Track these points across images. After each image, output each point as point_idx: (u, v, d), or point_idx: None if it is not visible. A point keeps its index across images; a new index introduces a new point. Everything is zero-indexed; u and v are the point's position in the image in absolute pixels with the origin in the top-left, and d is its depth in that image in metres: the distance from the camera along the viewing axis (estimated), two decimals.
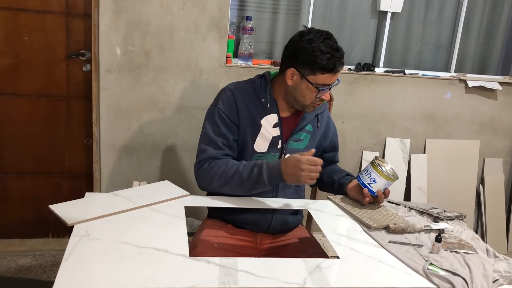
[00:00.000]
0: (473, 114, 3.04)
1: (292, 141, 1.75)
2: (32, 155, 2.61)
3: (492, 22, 3.13)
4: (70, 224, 1.33)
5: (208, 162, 1.67)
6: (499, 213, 3.18)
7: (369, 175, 1.65)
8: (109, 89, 2.45)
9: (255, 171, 1.60)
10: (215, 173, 1.64)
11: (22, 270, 2.48)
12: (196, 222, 2.65)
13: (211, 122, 1.71)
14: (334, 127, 1.92)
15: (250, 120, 1.70)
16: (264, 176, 1.58)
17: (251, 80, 1.76)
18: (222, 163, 1.65)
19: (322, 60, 1.58)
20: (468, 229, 1.61)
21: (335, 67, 1.60)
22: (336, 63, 1.59)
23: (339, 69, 1.62)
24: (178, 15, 2.44)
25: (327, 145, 1.89)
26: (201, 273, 1.16)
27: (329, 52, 1.58)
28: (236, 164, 1.64)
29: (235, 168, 1.62)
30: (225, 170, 1.63)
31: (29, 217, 2.71)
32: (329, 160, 1.94)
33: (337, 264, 1.29)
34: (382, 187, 1.64)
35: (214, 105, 1.73)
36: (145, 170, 2.62)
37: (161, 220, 1.43)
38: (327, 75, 1.61)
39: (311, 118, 1.78)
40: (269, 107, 1.71)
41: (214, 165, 1.65)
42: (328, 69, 1.60)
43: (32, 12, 2.40)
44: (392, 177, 1.63)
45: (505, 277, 1.29)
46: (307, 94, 1.65)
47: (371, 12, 2.95)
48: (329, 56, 1.58)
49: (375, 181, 1.64)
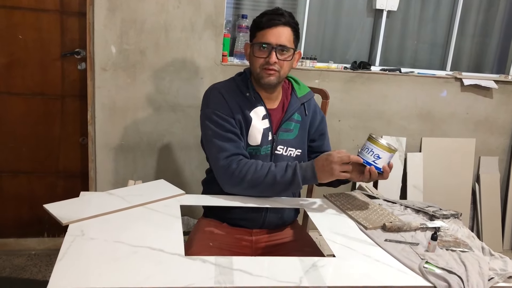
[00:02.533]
0: (468, 112, 3.05)
1: (282, 132, 1.75)
2: (27, 154, 2.60)
3: (487, 21, 3.14)
4: (65, 223, 1.32)
5: (237, 162, 1.61)
6: (495, 211, 3.19)
7: (372, 152, 1.57)
8: (104, 88, 2.44)
9: (289, 171, 1.59)
10: (246, 172, 1.60)
11: (17, 269, 2.47)
12: (192, 221, 2.65)
13: (212, 123, 1.67)
14: (321, 114, 1.90)
15: (241, 113, 1.70)
16: (299, 175, 1.58)
17: (232, 78, 1.78)
18: (252, 163, 1.62)
19: (256, 20, 1.68)
20: (464, 227, 1.61)
21: (267, 21, 1.63)
22: (269, 18, 1.63)
23: (274, 23, 1.63)
24: (174, 13, 2.43)
25: (314, 132, 1.86)
26: (196, 272, 1.16)
27: (266, 12, 1.67)
28: (267, 165, 1.62)
29: (267, 168, 1.61)
30: (256, 170, 1.60)
31: (24, 216, 2.69)
32: (318, 151, 1.86)
33: (333, 262, 1.29)
34: (387, 162, 1.58)
35: (206, 108, 1.70)
36: (141, 169, 2.62)
37: (157, 219, 1.43)
38: (261, 32, 1.64)
39: (297, 106, 1.78)
40: (255, 100, 1.71)
41: (244, 165, 1.60)
42: (261, 26, 1.64)
43: (27, 10, 2.38)
44: (394, 149, 1.58)
45: (500, 275, 1.29)
46: (254, 60, 1.68)
47: (367, 11, 2.95)
48: (263, 15, 1.66)
49: (379, 157, 1.57)
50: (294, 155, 1.79)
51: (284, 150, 1.76)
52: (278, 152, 1.75)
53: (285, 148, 1.76)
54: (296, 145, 1.78)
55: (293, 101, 1.78)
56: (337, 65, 2.82)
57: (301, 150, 1.80)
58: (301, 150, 1.80)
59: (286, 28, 1.64)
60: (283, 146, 1.76)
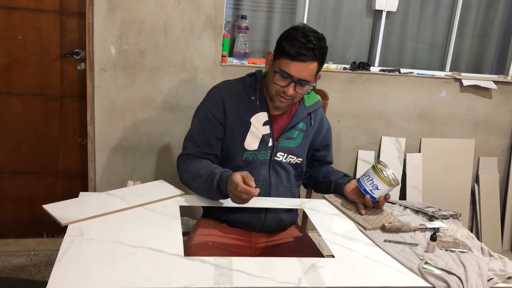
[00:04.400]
0: (468, 113, 3.05)
1: (284, 139, 1.74)
2: (26, 155, 2.60)
3: (487, 21, 3.14)
4: (64, 224, 1.32)
5: (184, 160, 1.70)
6: (494, 212, 3.19)
7: (371, 181, 1.59)
8: (103, 88, 2.44)
9: (210, 179, 1.57)
10: (184, 170, 1.69)
11: (16, 270, 2.46)
12: (191, 222, 2.65)
13: (196, 119, 1.75)
14: (328, 125, 1.91)
15: (239, 118, 1.70)
16: (215, 185, 1.55)
17: (242, 79, 1.77)
18: (193, 163, 1.67)
19: (286, 44, 1.57)
20: (463, 228, 1.62)
21: (296, 54, 1.55)
22: (299, 50, 1.54)
23: (301, 58, 1.55)
24: (173, 14, 2.43)
25: (319, 142, 1.88)
26: (196, 273, 1.16)
27: (298, 39, 1.55)
28: (203, 168, 1.63)
29: (199, 171, 1.62)
30: (191, 170, 1.65)
31: (23, 217, 2.69)
32: (321, 160, 1.92)
33: (332, 263, 1.29)
34: (384, 193, 1.60)
35: (202, 103, 1.76)
36: (140, 169, 2.61)
37: (156, 219, 1.43)
38: (287, 61, 1.56)
39: (303, 116, 1.77)
40: (259, 104, 1.71)
41: (188, 164, 1.68)
42: (289, 54, 1.55)
43: (26, 10, 2.38)
44: (394, 183, 1.58)
45: (499, 276, 1.30)
46: (271, 82, 1.63)
47: (366, 11, 2.95)
48: (294, 42, 1.55)
49: (377, 188, 1.58)
50: (294, 163, 1.79)
51: (284, 157, 1.76)
52: (278, 159, 1.75)
53: (286, 155, 1.76)
54: (297, 154, 1.78)
55: (300, 110, 1.77)
56: (336, 65, 2.82)
57: (302, 159, 1.81)
58: (302, 159, 1.81)
59: (313, 63, 1.58)
60: (283, 153, 1.75)
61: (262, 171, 1.74)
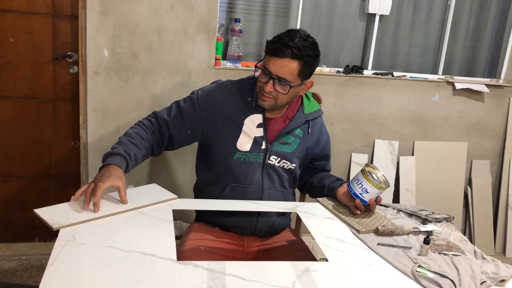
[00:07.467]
0: (460, 116, 3.06)
1: (279, 143, 1.74)
2: (18, 158, 2.58)
3: (479, 25, 3.17)
4: (56, 228, 1.31)
5: (146, 117, 1.80)
6: (487, 215, 3.20)
7: (361, 185, 1.60)
8: (96, 91, 2.43)
9: (117, 144, 1.69)
10: (137, 124, 1.79)
11: (8, 274, 2.44)
12: (184, 225, 2.64)
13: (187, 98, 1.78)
14: (327, 135, 1.91)
15: (230, 117, 1.70)
16: (109, 151, 1.68)
17: (242, 80, 1.78)
18: (141, 123, 1.77)
19: (270, 41, 1.61)
20: (456, 231, 1.62)
21: (274, 49, 1.56)
22: (277, 45, 1.56)
23: (279, 54, 1.55)
24: (167, 17, 2.42)
25: (318, 152, 1.88)
26: (189, 277, 1.15)
27: (282, 37, 1.58)
28: (133, 129, 1.75)
29: (133, 132, 1.73)
30: (135, 129, 1.75)
31: (15, 220, 2.67)
32: (320, 169, 1.93)
33: (325, 267, 1.29)
34: (374, 196, 1.61)
35: (200, 88, 1.79)
36: (133, 173, 2.57)
37: (149, 223, 1.42)
38: (268, 56, 1.60)
39: (301, 122, 1.77)
40: (255, 106, 1.70)
41: (141, 121, 1.79)
42: (269, 50, 1.59)
43: (18, 13, 2.37)
44: (384, 185, 1.59)
45: (492, 279, 1.30)
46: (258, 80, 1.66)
47: (359, 15, 2.96)
48: (276, 39, 1.58)
49: (367, 191, 1.59)
50: (288, 168, 1.79)
51: (277, 161, 1.75)
52: (271, 162, 1.75)
53: (279, 160, 1.75)
54: (291, 159, 1.77)
55: (298, 116, 1.76)
56: (329, 69, 2.82)
57: (295, 165, 1.80)
58: (295, 165, 1.80)
59: (292, 62, 1.56)
60: (276, 157, 1.75)
61: (255, 174, 1.73)
